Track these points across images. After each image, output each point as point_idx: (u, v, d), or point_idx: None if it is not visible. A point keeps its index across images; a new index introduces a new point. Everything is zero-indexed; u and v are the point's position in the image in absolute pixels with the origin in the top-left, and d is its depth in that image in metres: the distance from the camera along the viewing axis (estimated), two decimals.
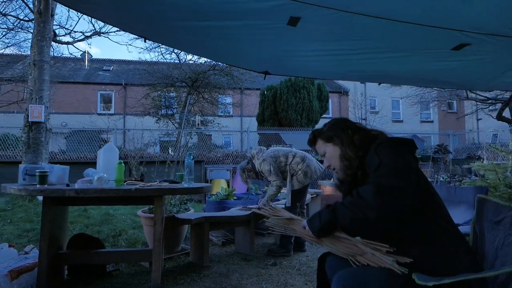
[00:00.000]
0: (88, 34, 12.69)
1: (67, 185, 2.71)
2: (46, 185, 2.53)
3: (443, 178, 7.48)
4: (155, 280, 2.75)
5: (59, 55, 16.16)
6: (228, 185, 8.64)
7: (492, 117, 14.18)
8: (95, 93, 21.40)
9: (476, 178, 4.88)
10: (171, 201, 4.01)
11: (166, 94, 16.77)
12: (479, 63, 2.69)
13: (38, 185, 2.50)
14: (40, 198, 3.72)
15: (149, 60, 17.01)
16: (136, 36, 14.40)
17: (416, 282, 1.18)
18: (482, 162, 3.32)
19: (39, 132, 6.17)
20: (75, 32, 17.94)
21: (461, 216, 2.65)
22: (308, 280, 2.99)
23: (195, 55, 11.32)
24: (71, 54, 24.47)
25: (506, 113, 13.32)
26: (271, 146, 8.94)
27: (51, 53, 8.05)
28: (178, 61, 15.54)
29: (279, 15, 2.10)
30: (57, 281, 2.81)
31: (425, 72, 3.18)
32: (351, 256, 1.37)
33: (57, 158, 9.56)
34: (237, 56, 3.21)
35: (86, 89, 21.16)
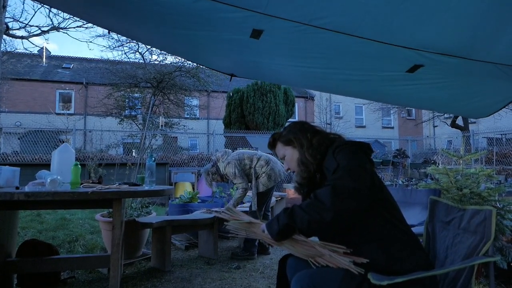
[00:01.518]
0: (45, 28, 12.05)
1: (17, 188, 2.54)
2: None
3: (401, 181, 7.82)
4: (113, 287, 2.64)
5: (13, 49, 15.23)
6: (193, 188, 8.52)
7: (447, 124, 15.04)
8: (54, 91, 20.36)
9: (432, 181, 5.14)
10: (132, 205, 3.88)
11: (130, 94, 16.27)
12: (431, 87, 2.83)
13: None
14: None
15: (112, 59, 16.41)
16: (98, 34, 13.96)
17: (371, 281, 1.22)
18: (437, 166, 3.49)
19: None
20: (31, 26, 16.95)
21: (416, 217, 2.77)
22: (271, 283, 3.00)
23: (162, 50, 11.03)
24: (26, 49, 23.15)
25: (459, 121, 14.19)
26: (237, 149, 8.94)
27: (4, 48, 7.57)
28: (142, 61, 15.15)
29: (242, 28, 2.09)
30: None
31: (384, 94, 3.30)
32: (311, 257, 1.39)
33: (9, 159, 9.00)
34: (204, 58, 3.18)
35: (44, 87, 20.08)
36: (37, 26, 14.14)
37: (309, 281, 1.33)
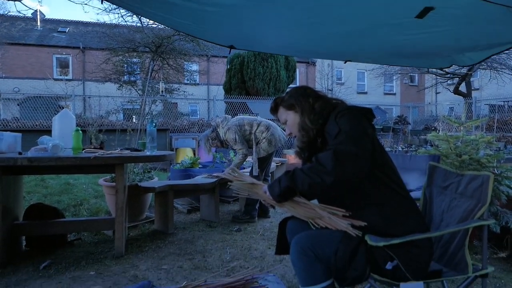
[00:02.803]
0: None
1: (20, 153, 2.57)
2: None
3: (401, 147, 7.86)
4: (119, 248, 2.74)
5: (6, 12, 14.79)
6: (194, 154, 8.58)
7: (450, 91, 14.86)
8: (50, 56, 19.97)
9: (431, 147, 5.16)
10: (134, 170, 3.93)
11: (128, 59, 15.95)
12: (440, 35, 2.75)
13: None
14: None
15: (108, 22, 15.91)
16: None
17: (368, 243, 1.26)
18: (437, 133, 3.49)
19: None
20: None
21: (415, 182, 2.81)
22: (271, 244, 3.10)
23: (158, 22, 10.70)
24: (19, 12, 22.43)
25: (462, 88, 14.00)
26: (238, 115, 8.90)
27: None
28: (140, 24, 14.70)
29: None
30: (14, 253, 2.72)
31: (390, 46, 3.21)
32: (311, 218, 1.43)
33: (10, 125, 9.03)
34: (203, 25, 3.08)
35: (40, 52, 19.68)
36: None
37: (309, 242, 1.37)
